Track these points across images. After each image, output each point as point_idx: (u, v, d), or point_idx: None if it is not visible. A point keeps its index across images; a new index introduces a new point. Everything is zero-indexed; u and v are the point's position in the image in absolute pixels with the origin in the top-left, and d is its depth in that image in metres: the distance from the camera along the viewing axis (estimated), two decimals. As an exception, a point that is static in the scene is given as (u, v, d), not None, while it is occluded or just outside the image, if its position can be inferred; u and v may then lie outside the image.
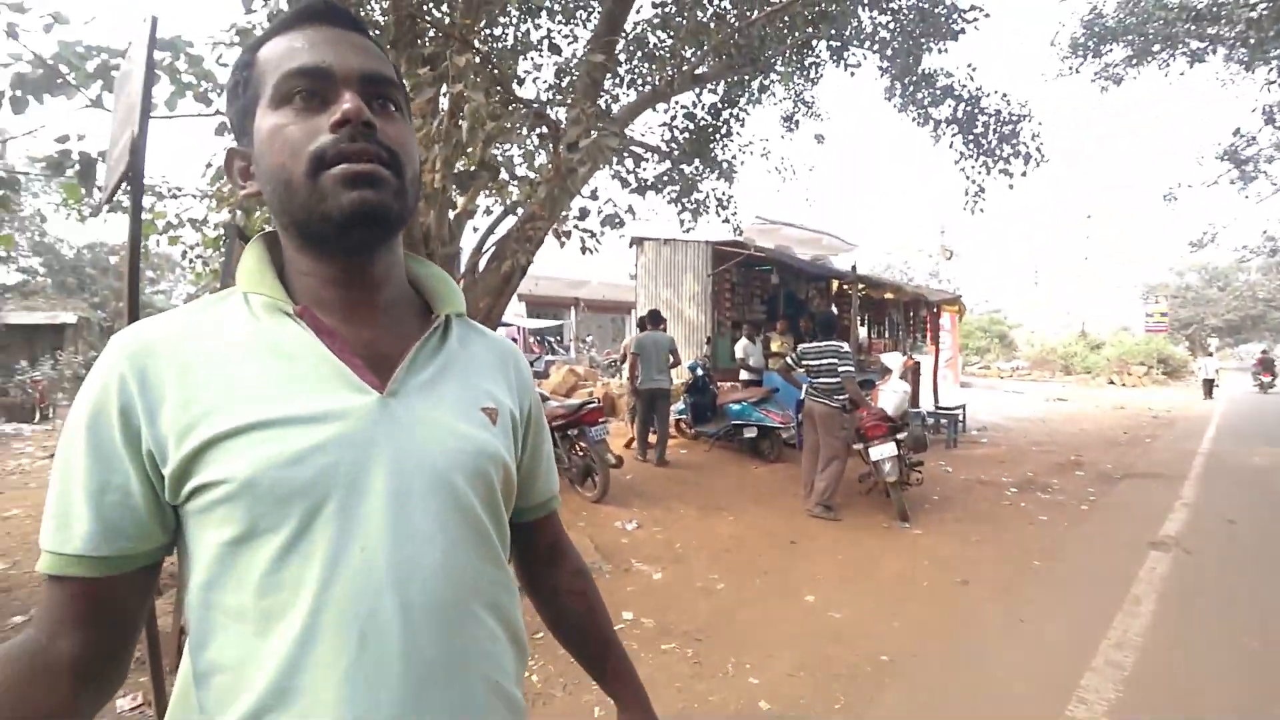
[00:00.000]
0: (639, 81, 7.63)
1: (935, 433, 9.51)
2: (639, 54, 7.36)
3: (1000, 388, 19.64)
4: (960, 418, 9.85)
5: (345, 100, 0.63)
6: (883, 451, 5.42)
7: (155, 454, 0.60)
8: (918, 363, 11.21)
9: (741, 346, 8.98)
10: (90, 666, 0.60)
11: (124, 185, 3.19)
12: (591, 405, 6.02)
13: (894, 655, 3.25)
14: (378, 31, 4.03)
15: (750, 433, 7.55)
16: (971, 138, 7.90)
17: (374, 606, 0.60)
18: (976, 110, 7.81)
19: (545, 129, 4.34)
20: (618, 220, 5.54)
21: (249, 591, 0.59)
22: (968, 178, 7.94)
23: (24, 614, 3.37)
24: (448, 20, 3.91)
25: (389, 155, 0.65)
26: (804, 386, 5.98)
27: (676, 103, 7.80)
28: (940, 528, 5.40)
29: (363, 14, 3.81)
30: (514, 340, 17.68)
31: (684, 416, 8.41)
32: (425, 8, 3.89)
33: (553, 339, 20.76)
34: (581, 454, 5.89)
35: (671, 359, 7.29)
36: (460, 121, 3.37)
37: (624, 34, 6.25)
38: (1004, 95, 7.74)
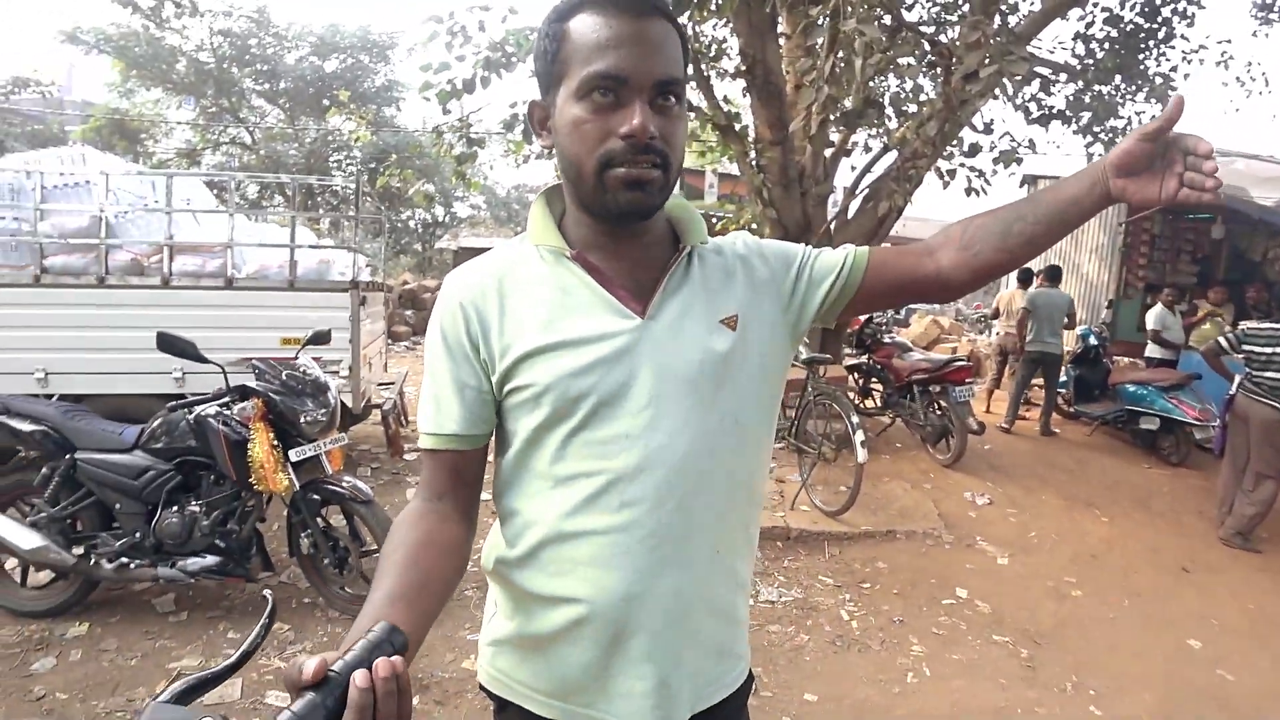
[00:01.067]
0: (1044, -17, 6.41)
1: None
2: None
3: None
4: None
5: (636, 114, 0.74)
6: (1356, 482, 4.00)
7: (487, 363, 0.84)
8: None
9: (1156, 316, 7.24)
10: (464, 516, 0.87)
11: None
12: (960, 363, 5.57)
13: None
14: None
15: (1150, 423, 6.14)
16: None
17: (631, 480, 0.80)
18: None
19: (936, 57, 3.95)
20: (1015, 156, 4.86)
21: (546, 460, 0.82)
22: None
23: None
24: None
25: (662, 158, 0.77)
26: (1237, 378, 4.64)
27: (1095, 5, 6.35)
28: None
29: None
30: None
31: (1064, 390, 7.22)
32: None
33: (916, 287, 19.54)
34: (940, 413, 5.48)
35: (1067, 321, 6.55)
36: (848, 57, 3.27)
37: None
38: None
